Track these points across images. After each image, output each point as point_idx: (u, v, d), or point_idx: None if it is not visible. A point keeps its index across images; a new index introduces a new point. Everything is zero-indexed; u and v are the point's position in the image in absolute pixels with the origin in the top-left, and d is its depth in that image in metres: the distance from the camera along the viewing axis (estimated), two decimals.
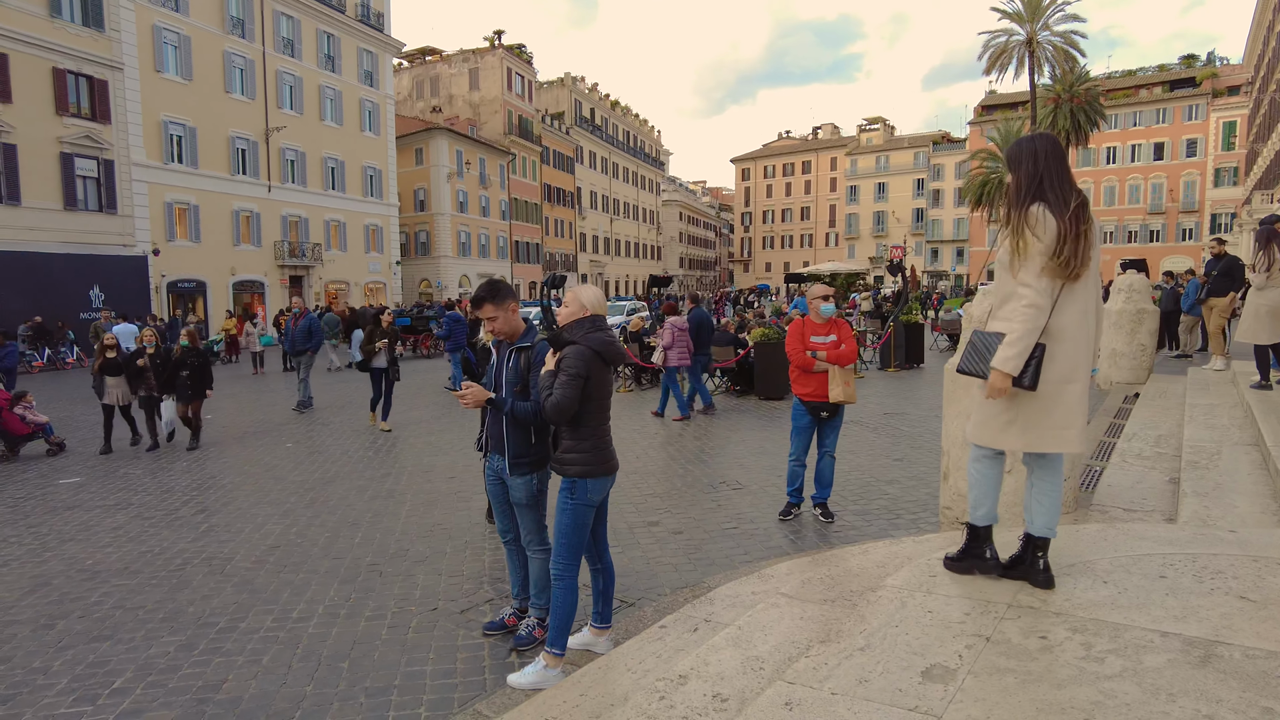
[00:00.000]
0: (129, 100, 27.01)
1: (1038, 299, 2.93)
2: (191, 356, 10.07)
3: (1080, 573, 3.27)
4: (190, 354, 10.08)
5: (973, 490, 3.29)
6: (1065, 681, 2.39)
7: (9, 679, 3.95)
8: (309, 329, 13.42)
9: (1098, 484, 5.36)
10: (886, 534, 5.64)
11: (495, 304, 3.86)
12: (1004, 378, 2.97)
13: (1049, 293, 2.94)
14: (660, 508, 6.68)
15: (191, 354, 10.10)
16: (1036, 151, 3.04)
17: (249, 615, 4.66)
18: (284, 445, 10.17)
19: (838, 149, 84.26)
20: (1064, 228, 2.92)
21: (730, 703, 2.60)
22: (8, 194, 23.24)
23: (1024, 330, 2.93)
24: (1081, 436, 3.04)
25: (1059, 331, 2.99)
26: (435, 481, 7.94)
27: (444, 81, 55.36)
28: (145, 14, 27.80)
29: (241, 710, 3.58)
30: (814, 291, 6.27)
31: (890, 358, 16.97)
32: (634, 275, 74.87)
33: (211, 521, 6.68)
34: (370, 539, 6.08)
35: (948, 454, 4.80)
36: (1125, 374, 10.32)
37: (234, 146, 31.79)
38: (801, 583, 3.78)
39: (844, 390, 5.85)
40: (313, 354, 13.47)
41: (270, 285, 33.67)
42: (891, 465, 7.98)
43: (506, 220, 53.85)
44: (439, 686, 3.75)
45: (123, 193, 26.86)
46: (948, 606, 3.03)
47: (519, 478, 3.88)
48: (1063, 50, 39.02)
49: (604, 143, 69.65)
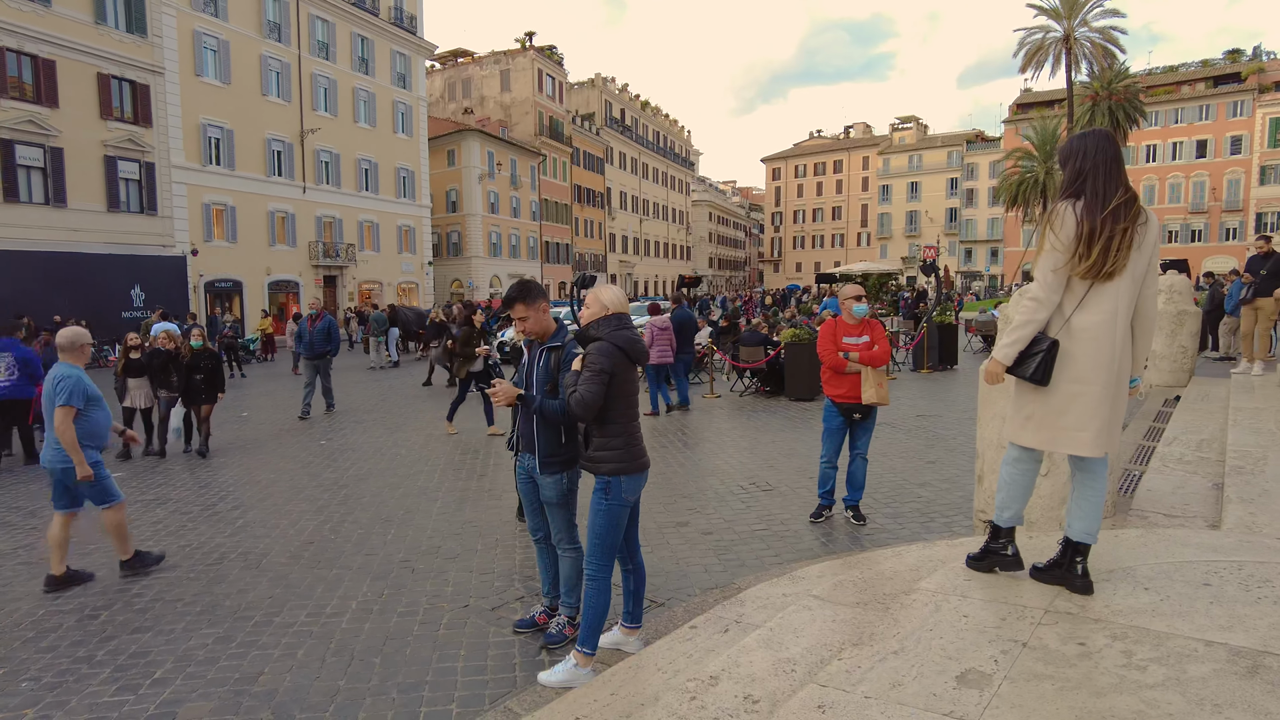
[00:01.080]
0: (169, 104, 27.59)
1: (1040, 292, 2.98)
2: (205, 359, 9.74)
3: (1120, 579, 3.20)
4: (203, 356, 9.73)
5: (1002, 491, 3.26)
6: (1105, 690, 2.34)
7: (56, 667, 4.06)
8: (328, 331, 12.77)
9: (1137, 488, 5.24)
10: (919, 537, 5.57)
11: (527, 304, 3.88)
12: (998, 365, 3.07)
13: (1055, 288, 2.97)
14: (690, 508, 6.67)
15: (205, 356, 9.76)
16: (1085, 149, 2.99)
17: (284, 610, 4.73)
18: (318, 443, 10.32)
19: (870, 148, 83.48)
20: (1094, 227, 2.87)
21: (762, 704, 2.58)
22: (54, 196, 23.87)
23: (1020, 322, 3.01)
24: (1098, 441, 2.97)
25: (1080, 331, 2.95)
26: (466, 479, 8.00)
27: (476, 83, 55.79)
28: (186, 19, 28.39)
29: (277, 703, 3.63)
30: (846, 291, 6.22)
31: (923, 359, 16.78)
32: (663, 275, 74.85)
33: (247, 517, 6.80)
34: (402, 536, 6.15)
35: (982, 456, 4.73)
36: (1165, 376, 10.09)
37: (270, 148, 32.33)
38: (833, 585, 3.75)
39: (877, 392, 5.79)
40: (332, 357, 12.91)
41: (305, 285, 34.18)
42: (924, 468, 7.89)
43: (537, 221, 54.13)
44: (470, 683, 3.78)
45: (163, 194, 27.44)
46: (983, 611, 2.99)
47: (549, 476, 3.90)
48: (1101, 46, 38.30)
49: (634, 143, 69.72)
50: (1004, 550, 3.28)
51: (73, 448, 5.10)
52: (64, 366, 5.25)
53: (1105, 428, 2.96)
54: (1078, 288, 2.96)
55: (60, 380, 5.15)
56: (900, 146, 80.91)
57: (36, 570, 5.54)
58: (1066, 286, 2.98)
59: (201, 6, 29.05)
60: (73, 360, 5.30)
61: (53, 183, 23.83)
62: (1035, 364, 2.97)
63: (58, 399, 5.11)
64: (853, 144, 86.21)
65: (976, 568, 3.36)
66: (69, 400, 5.10)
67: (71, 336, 5.37)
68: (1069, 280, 2.97)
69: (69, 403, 5.10)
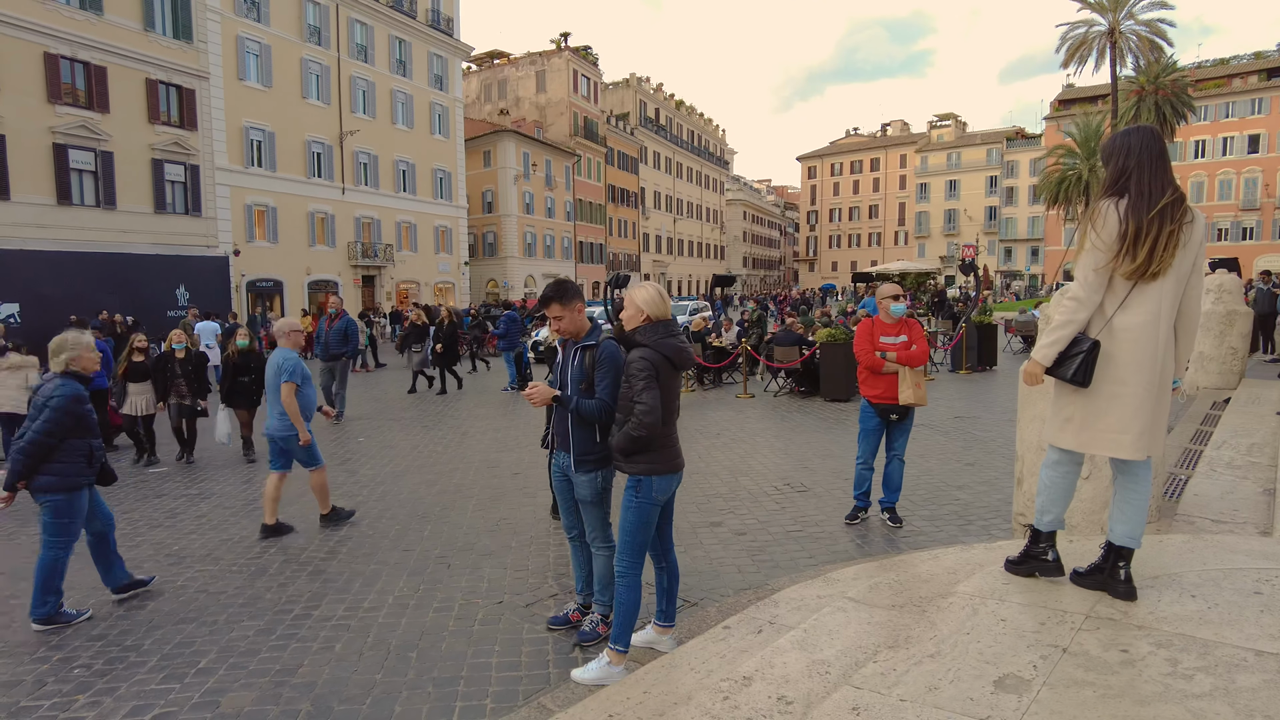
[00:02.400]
0: (214, 107, 28.22)
1: (1080, 292, 2.94)
2: (254, 360, 9.21)
3: (1165, 585, 3.13)
4: (251, 357, 9.22)
5: (1041, 494, 3.20)
6: (1149, 698, 2.28)
7: (107, 654, 4.19)
8: (345, 332, 12.26)
9: (1183, 493, 5.11)
10: (957, 540, 5.49)
11: (562, 303, 3.90)
12: (1037, 365, 3.03)
13: (1096, 288, 2.93)
14: (723, 508, 6.65)
15: (253, 357, 9.25)
16: (1130, 146, 2.92)
17: (322, 603, 4.82)
18: (356, 439, 10.48)
19: (907, 146, 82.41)
20: (1140, 227, 2.81)
21: (795, 706, 2.57)
22: (105, 199, 24.56)
23: (1060, 322, 2.97)
24: (1139, 443, 2.90)
25: (1121, 331, 2.89)
26: (501, 477, 8.07)
27: (511, 84, 56.19)
28: (230, 25, 29.02)
29: (316, 695, 3.70)
30: (884, 291, 6.15)
31: (962, 359, 16.53)
32: (697, 275, 74.68)
33: (286, 512, 6.91)
34: (438, 532, 6.22)
35: (1022, 459, 4.65)
36: (1213, 379, 9.82)
37: (310, 150, 32.90)
38: (869, 587, 3.71)
39: (914, 392, 5.72)
40: (348, 360, 12.44)
41: (344, 285, 34.70)
42: (962, 470, 7.77)
43: (571, 221, 54.36)
44: (504, 679, 3.81)
45: (207, 196, 28.08)
46: (1022, 615, 2.94)
47: (584, 475, 3.92)
48: (1148, 40, 37.38)
49: (668, 143, 69.65)
50: (1044, 555, 3.22)
51: (296, 417, 6.09)
52: (284, 351, 6.23)
53: (1147, 430, 2.89)
54: (1120, 288, 2.90)
55: (283, 362, 6.13)
56: (939, 144, 79.75)
57: (87, 560, 5.69)
58: (1109, 286, 2.92)
59: (245, 12, 29.68)
60: (289, 345, 6.29)
61: (103, 185, 24.52)
62: (1076, 365, 2.91)
63: (282, 377, 6.10)
64: (890, 142, 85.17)
65: (1015, 572, 3.31)
66: (291, 377, 6.09)
67: (285, 326, 6.42)
68: (1111, 280, 2.91)
69: (291, 379, 6.08)
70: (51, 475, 4.63)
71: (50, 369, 4.87)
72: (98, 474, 4.89)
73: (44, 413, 4.62)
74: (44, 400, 4.69)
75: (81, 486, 4.76)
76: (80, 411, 4.73)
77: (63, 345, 4.87)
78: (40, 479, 4.61)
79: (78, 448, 4.72)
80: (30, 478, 4.58)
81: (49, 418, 4.60)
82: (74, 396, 4.70)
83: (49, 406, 4.63)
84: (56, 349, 4.86)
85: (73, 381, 4.78)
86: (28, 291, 21.91)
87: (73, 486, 4.69)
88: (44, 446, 4.57)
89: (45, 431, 4.57)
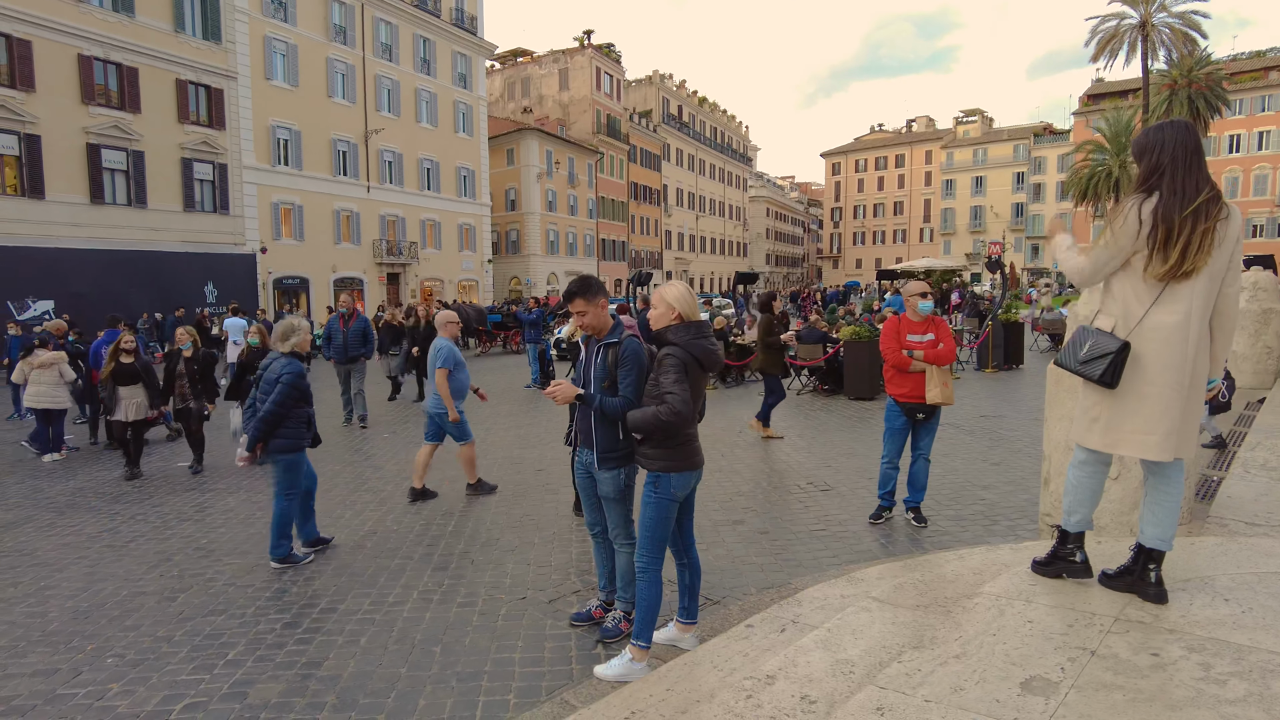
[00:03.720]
0: (242, 107, 28.59)
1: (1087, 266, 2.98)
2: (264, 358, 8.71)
3: (1197, 589, 3.07)
4: (262, 355, 8.32)
5: (1069, 495, 3.16)
6: (1181, 703, 2.25)
7: (139, 645, 4.26)
8: (364, 332, 11.64)
9: (1216, 494, 5.01)
10: (982, 540, 5.44)
11: (587, 299, 3.91)
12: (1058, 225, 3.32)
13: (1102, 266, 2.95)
14: (746, 507, 6.63)
15: (263, 355, 8.51)
16: (1163, 142, 2.85)
17: (348, 597, 4.87)
18: (382, 435, 10.58)
19: (933, 142, 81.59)
20: (1172, 227, 2.75)
21: (819, 705, 2.56)
22: (136, 198, 24.98)
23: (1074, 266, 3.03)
24: (1165, 444, 2.84)
25: (1150, 331, 2.84)
26: (524, 474, 8.11)
27: (534, 82, 56.35)
28: (258, 25, 29.38)
29: (341, 688, 3.75)
30: (911, 288, 6.09)
31: (988, 358, 16.35)
32: (719, 272, 74.49)
33: (314, 506, 7.00)
34: (462, 528, 6.27)
35: (1049, 459, 4.59)
36: (1248, 378, 9.62)
37: (335, 149, 33.22)
38: (893, 587, 3.69)
39: (942, 391, 5.66)
40: (366, 360, 11.78)
41: (369, 282, 35.04)
42: (988, 469, 7.69)
43: (593, 219, 54.44)
44: (527, 674, 3.83)
45: (234, 194, 28.47)
46: (1049, 617, 2.90)
47: (607, 472, 3.93)
48: (1181, 32, 36.65)
49: (691, 140, 69.50)
50: (1072, 556, 3.18)
51: (448, 398, 6.83)
52: (441, 340, 7.01)
53: (1174, 431, 2.83)
54: (1151, 288, 2.84)
55: (439, 349, 6.92)
56: (964, 140, 78.87)
57: (122, 553, 5.83)
58: (1137, 286, 2.87)
59: (272, 12, 30.02)
60: (447, 335, 7.10)
61: (134, 185, 24.94)
62: (1104, 366, 2.86)
63: (437, 362, 6.85)
64: (915, 138, 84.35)
65: (1043, 573, 3.26)
66: (444, 363, 6.84)
67: (445, 318, 7.30)
68: (1142, 279, 2.85)
69: (444, 365, 6.83)
70: (283, 439, 5.48)
71: (278, 350, 5.65)
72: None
73: (276, 388, 5.43)
74: (275, 377, 5.50)
75: (304, 447, 5.65)
76: (303, 385, 5.57)
77: (290, 330, 5.68)
78: (274, 442, 5.46)
79: (301, 415, 5.58)
80: (267, 441, 5.43)
81: (281, 391, 5.41)
82: (299, 373, 5.56)
83: (280, 382, 5.45)
84: (285, 333, 5.66)
85: (296, 361, 5.63)
86: (62, 289, 22.36)
87: (298, 447, 5.59)
88: (278, 416, 5.42)
89: (278, 403, 5.40)
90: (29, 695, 3.75)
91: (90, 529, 6.52)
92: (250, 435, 5.46)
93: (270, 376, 5.53)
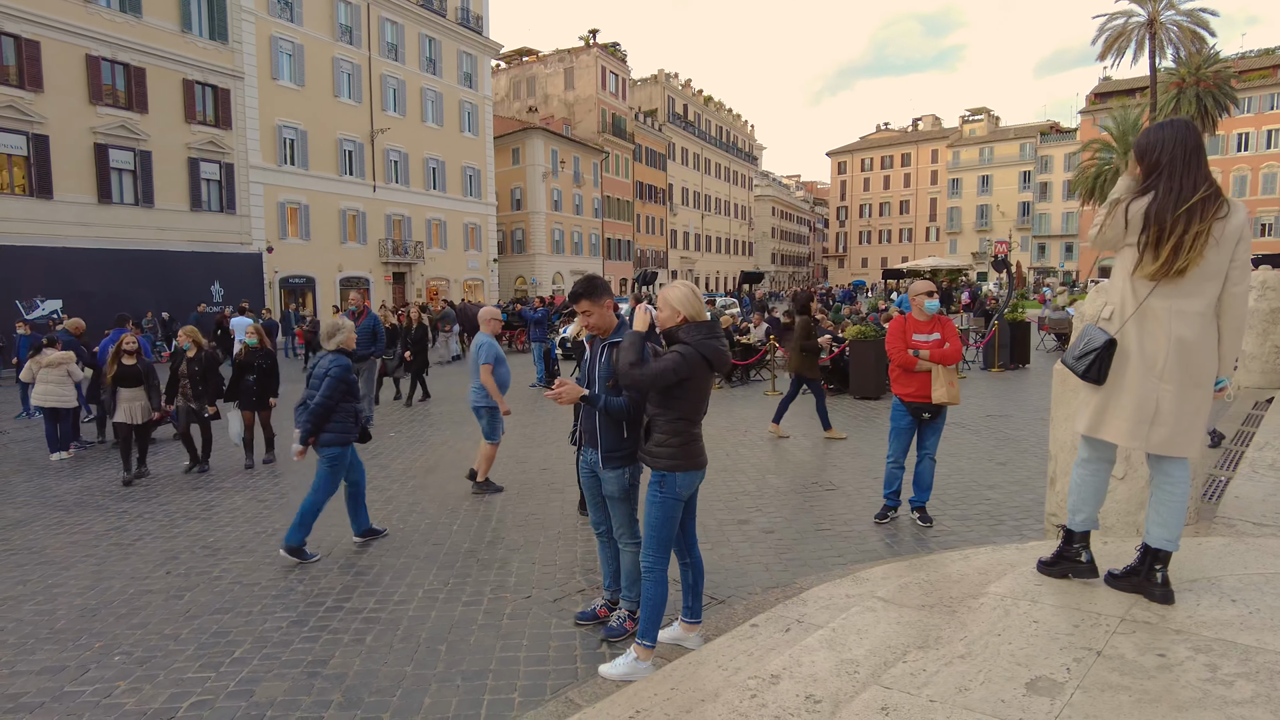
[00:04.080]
0: (248, 107, 28.66)
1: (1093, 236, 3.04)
2: (259, 358, 8.82)
3: (1204, 589, 3.06)
4: (258, 355, 8.84)
5: (1073, 493, 3.16)
6: (1187, 704, 2.24)
7: (146, 643, 4.28)
8: (373, 330, 11.30)
9: (1223, 494, 4.99)
10: (988, 540, 5.42)
11: (592, 300, 3.91)
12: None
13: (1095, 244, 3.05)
14: (751, 506, 6.63)
15: (259, 355, 8.85)
16: (1163, 141, 2.85)
17: (353, 596, 4.89)
18: (388, 434, 10.60)
19: (939, 141, 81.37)
20: (1164, 227, 2.76)
21: (823, 705, 2.56)
22: (143, 197, 25.07)
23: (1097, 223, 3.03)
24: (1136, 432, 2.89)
25: (1136, 324, 2.89)
26: (529, 472, 8.12)
27: (540, 81, 56.37)
28: (264, 25, 29.45)
29: (347, 686, 3.76)
30: (917, 287, 6.08)
31: (994, 357, 16.31)
32: (725, 271, 74.43)
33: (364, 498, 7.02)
34: (468, 526, 6.28)
35: (1055, 458, 4.57)
36: (1256, 378, 9.58)
37: (341, 148, 33.28)
38: (898, 587, 3.68)
39: (948, 391, 5.65)
40: (376, 359, 11.59)
41: (375, 282, 35.11)
42: (994, 469, 7.67)
43: (599, 218, 54.45)
44: (532, 673, 3.84)
45: (240, 194, 28.55)
46: (1054, 617, 2.89)
47: (612, 471, 3.93)
48: (1189, 30, 36.48)
49: (696, 138, 69.44)
50: (1078, 556, 3.17)
51: (495, 391, 7.07)
52: (482, 336, 7.24)
53: (1147, 421, 2.86)
54: (1143, 284, 2.86)
55: (481, 345, 7.16)
56: (971, 139, 78.64)
57: (129, 551, 5.86)
58: (1133, 281, 2.90)
59: (278, 12, 30.09)
60: (488, 331, 7.31)
61: (142, 184, 25.03)
62: (1089, 363, 2.94)
63: (480, 358, 7.06)
64: (921, 137, 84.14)
65: (1048, 573, 3.26)
66: (487, 359, 7.06)
67: (485, 314, 7.58)
68: (1132, 278, 2.89)
69: (487, 360, 7.05)
70: (330, 433, 5.64)
71: (325, 348, 5.82)
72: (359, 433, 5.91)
73: (324, 382, 5.62)
74: (323, 372, 5.69)
75: (350, 441, 5.79)
76: (350, 380, 5.77)
77: (336, 328, 5.90)
78: (323, 436, 5.62)
79: (349, 410, 5.74)
80: (317, 435, 5.60)
81: (329, 385, 5.60)
82: (346, 367, 5.74)
83: (329, 376, 5.63)
84: (331, 332, 5.87)
85: (342, 356, 5.79)
86: (70, 288, 22.45)
87: (345, 441, 5.73)
88: (327, 409, 5.60)
89: (327, 396, 5.59)
90: (37, 692, 3.77)
91: (98, 527, 6.55)
92: (302, 429, 5.64)
93: (319, 372, 5.76)
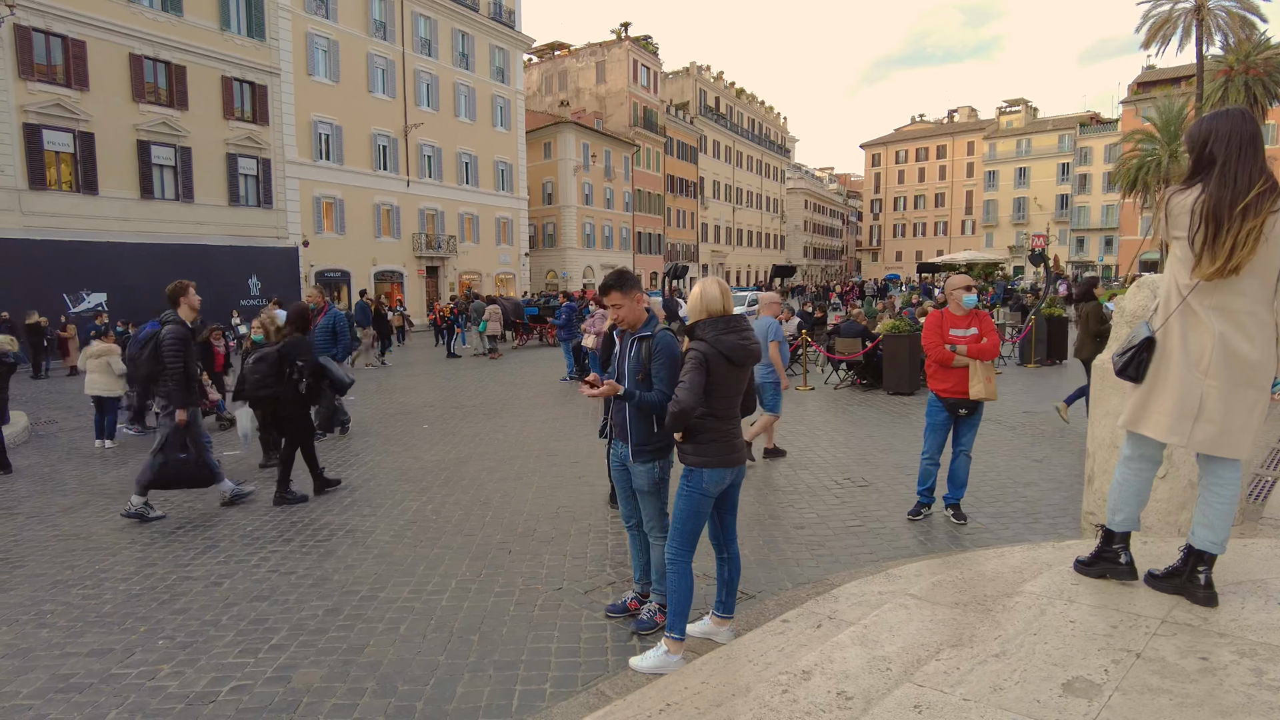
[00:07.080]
0: (285, 103, 29.15)
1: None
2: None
3: (1249, 592, 2.99)
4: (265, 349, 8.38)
5: (1115, 492, 3.08)
6: (1232, 709, 2.19)
7: (187, 628, 4.39)
8: (333, 328, 10.03)
9: (1269, 495, 4.87)
10: (1023, 538, 5.35)
11: (622, 292, 3.92)
12: None
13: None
14: (783, 502, 6.60)
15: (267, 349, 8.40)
16: (1217, 130, 2.75)
17: (388, 585, 4.96)
18: (421, 426, 10.73)
19: (975, 132, 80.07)
20: (1221, 223, 2.66)
21: (855, 701, 2.55)
22: (183, 192, 25.64)
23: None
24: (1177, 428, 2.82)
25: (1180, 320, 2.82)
26: (560, 465, 8.16)
27: (571, 75, 56.47)
28: (300, 22, 29.90)
29: (381, 674, 3.82)
30: (954, 282, 5.99)
31: (1030, 353, 16.04)
32: (756, 265, 74.05)
33: (354, 496, 7.14)
34: (500, 518, 6.34)
35: (1093, 456, 4.49)
36: None
37: (376, 144, 33.70)
38: (932, 584, 3.65)
39: (985, 386, 5.57)
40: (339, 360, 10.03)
41: (408, 275, 35.55)
42: (1030, 466, 7.55)
43: (629, 212, 54.47)
44: (563, 664, 3.87)
45: (277, 189, 29.06)
46: (1092, 617, 2.84)
47: (642, 465, 3.94)
48: (1238, 16, 35.37)
49: (728, 132, 69.09)
50: (1117, 557, 3.11)
51: (780, 367, 7.70)
52: (766, 318, 7.77)
53: (1189, 417, 2.78)
54: (1193, 281, 2.78)
55: (768, 326, 7.58)
56: (1008, 130, 77.25)
57: (170, 539, 6.00)
58: (1182, 278, 2.81)
59: (314, 9, 30.52)
60: (769, 314, 7.89)
61: (182, 180, 25.59)
62: (1126, 360, 2.91)
63: (769, 337, 7.51)
64: (957, 128, 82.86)
65: (1086, 573, 3.19)
66: (774, 337, 7.59)
67: (766, 299, 8.10)
68: (1189, 274, 2.78)
69: (775, 338, 7.59)
70: None
71: None
72: None
73: None
74: None
75: None
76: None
77: None
78: None
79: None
80: None
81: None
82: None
83: None
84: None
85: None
86: (114, 281, 23.05)
87: None
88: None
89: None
90: (85, 674, 3.88)
91: None
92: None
93: None
